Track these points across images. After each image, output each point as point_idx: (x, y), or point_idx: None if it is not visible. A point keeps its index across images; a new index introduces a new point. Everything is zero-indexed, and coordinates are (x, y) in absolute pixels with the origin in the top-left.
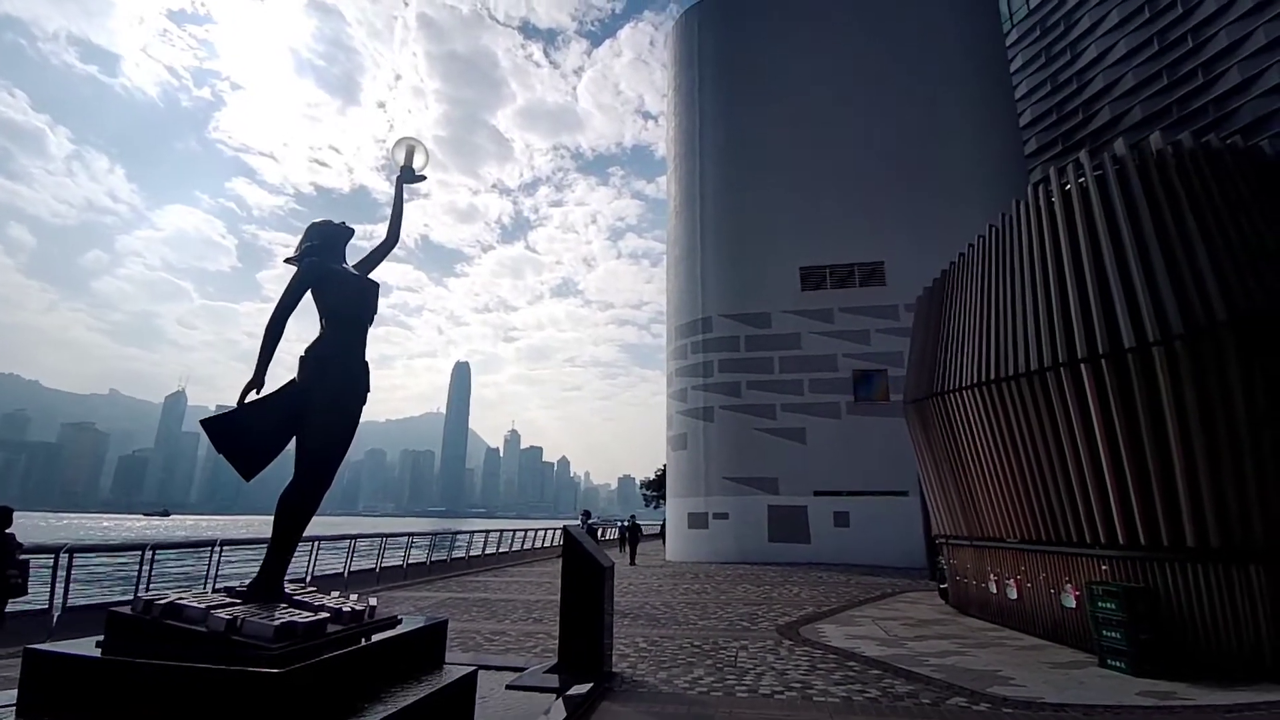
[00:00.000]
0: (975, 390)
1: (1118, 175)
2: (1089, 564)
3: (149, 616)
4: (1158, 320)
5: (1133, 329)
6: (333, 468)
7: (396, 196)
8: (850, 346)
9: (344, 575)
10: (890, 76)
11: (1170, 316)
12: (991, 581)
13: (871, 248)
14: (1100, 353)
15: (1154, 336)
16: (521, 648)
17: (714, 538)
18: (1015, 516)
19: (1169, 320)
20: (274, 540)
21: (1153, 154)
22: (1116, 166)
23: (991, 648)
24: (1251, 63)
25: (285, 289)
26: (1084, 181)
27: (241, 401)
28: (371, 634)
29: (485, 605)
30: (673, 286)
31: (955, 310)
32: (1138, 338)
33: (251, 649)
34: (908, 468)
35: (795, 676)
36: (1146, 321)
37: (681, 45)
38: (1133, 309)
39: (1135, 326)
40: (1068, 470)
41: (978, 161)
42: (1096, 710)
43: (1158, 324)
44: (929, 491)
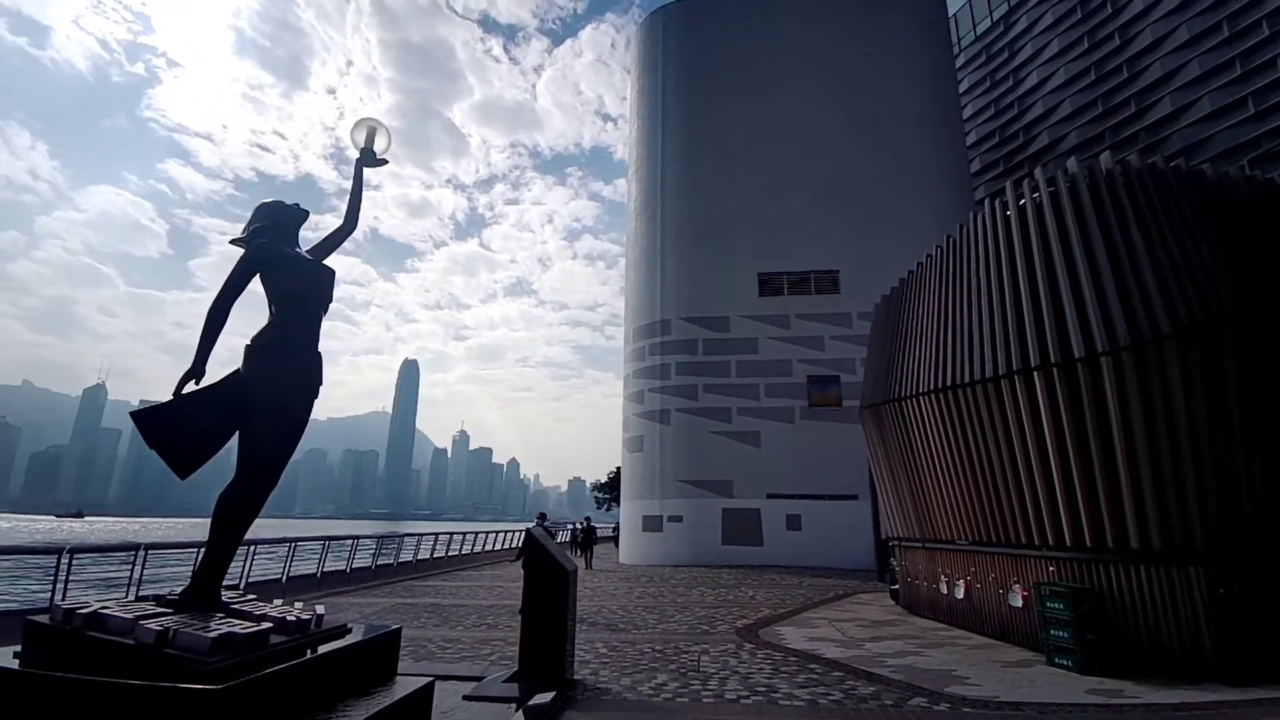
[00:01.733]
0: (931, 396)
1: (1070, 192)
2: (1037, 565)
3: (70, 627)
4: (1106, 331)
5: (1082, 339)
6: (279, 466)
7: (356, 180)
8: (805, 352)
9: (282, 581)
10: (848, 89)
11: (1117, 328)
12: (942, 582)
13: (827, 256)
14: (1052, 361)
15: (1102, 347)
16: (477, 655)
17: (668, 540)
18: (966, 519)
19: (1116, 331)
20: (211, 544)
21: (1102, 173)
22: (1069, 183)
23: (944, 647)
24: (1183, 93)
25: (231, 271)
26: (1038, 197)
27: (179, 392)
28: (318, 645)
29: (436, 611)
30: (632, 288)
31: (912, 319)
32: (1087, 348)
33: (185, 663)
34: (858, 472)
35: (759, 680)
36: (1095, 332)
37: (645, 48)
38: (1082, 320)
39: (1085, 337)
40: (1018, 474)
41: (927, 177)
42: (1049, 709)
43: (1106, 335)
44: (883, 495)
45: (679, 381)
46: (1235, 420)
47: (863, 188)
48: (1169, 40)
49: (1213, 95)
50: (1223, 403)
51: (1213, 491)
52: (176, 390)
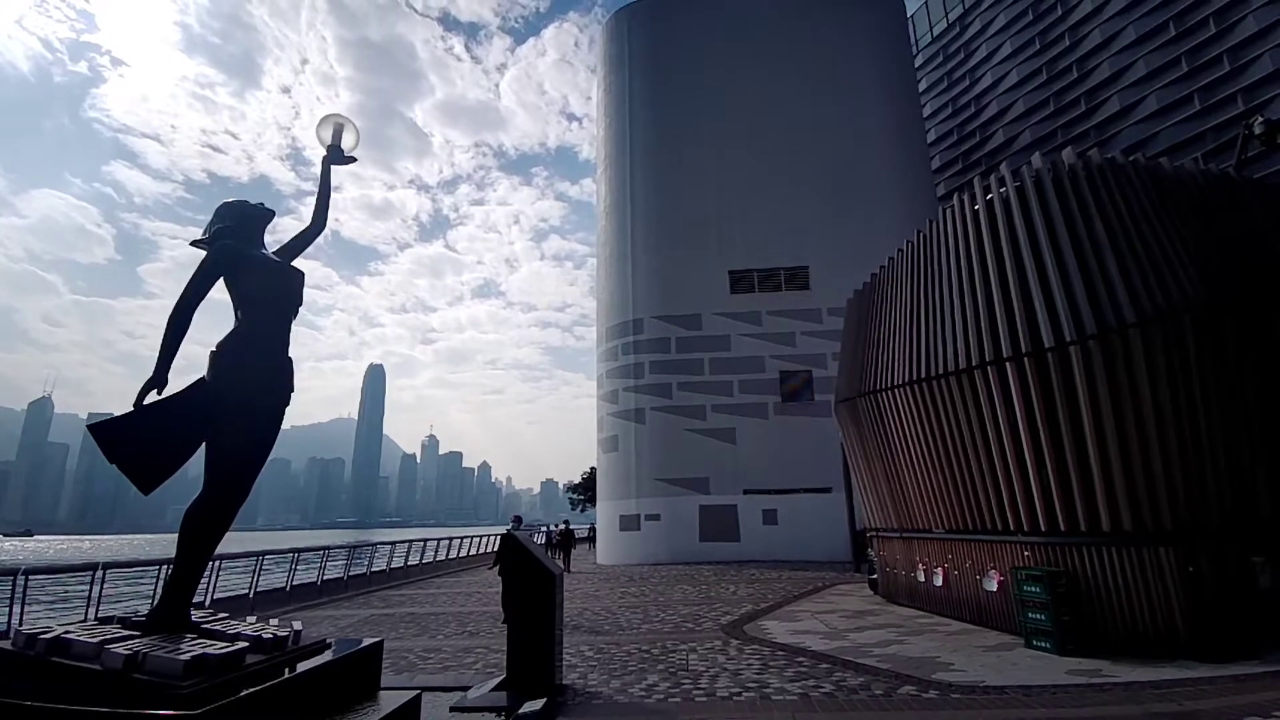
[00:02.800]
0: (906, 389)
1: (1035, 186)
2: (1012, 550)
3: (31, 653)
4: (1073, 321)
5: (1051, 329)
6: (250, 478)
7: (323, 178)
8: (777, 348)
9: (250, 596)
10: (812, 87)
11: (1084, 318)
12: (920, 571)
13: (797, 252)
14: (1023, 351)
15: (1070, 336)
16: (460, 664)
17: (646, 539)
18: (943, 508)
19: (1083, 321)
20: (180, 560)
21: (1065, 167)
22: (1034, 178)
23: (926, 634)
24: (1131, 92)
25: (193, 275)
26: (1005, 192)
27: (139, 403)
28: (297, 662)
29: (414, 620)
30: (603, 288)
31: (884, 313)
32: (1056, 338)
33: (157, 688)
34: (831, 465)
35: (750, 676)
36: (1063, 322)
37: (611, 46)
38: (1051, 311)
39: (1053, 327)
40: (993, 462)
41: (891, 174)
42: (1034, 690)
43: (1073, 324)
44: (860, 487)
45: (653, 380)
46: (1199, 403)
47: (829, 184)
48: (1117, 40)
49: (1159, 93)
50: (1186, 387)
51: (1179, 473)
52: (137, 401)
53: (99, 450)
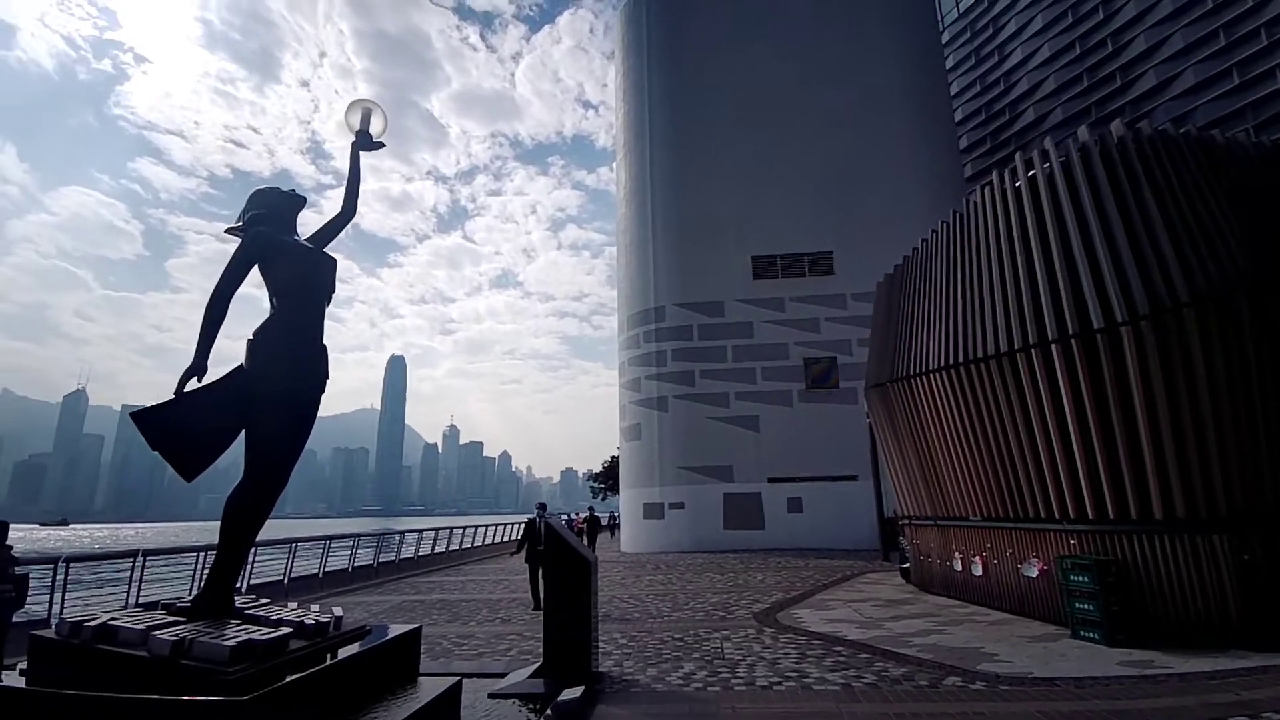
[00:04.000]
0: (942, 373)
1: (1081, 161)
2: (1057, 539)
3: (78, 641)
4: (1124, 301)
5: (1101, 310)
6: (289, 463)
7: (353, 164)
8: (801, 335)
9: (284, 582)
10: (835, 67)
11: (1136, 297)
12: (956, 559)
13: (821, 237)
14: (1070, 333)
15: (1121, 317)
16: (494, 651)
17: (670, 527)
18: (981, 495)
19: (1135, 301)
20: (222, 548)
21: (1114, 140)
22: (1080, 152)
23: (965, 624)
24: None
25: (228, 263)
26: (1049, 167)
27: (180, 390)
28: (339, 648)
29: (445, 607)
30: (624, 275)
31: (918, 296)
32: (1106, 319)
33: (204, 674)
34: (857, 453)
35: (787, 665)
36: (1114, 302)
37: (629, 30)
38: (1100, 291)
39: (1103, 308)
40: (1036, 448)
41: (917, 155)
42: (1085, 682)
43: (1124, 305)
44: (891, 474)
45: (675, 368)
46: (1254, 385)
47: (854, 167)
48: (1152, 13)
49: (1197, 67)
50: (1243, 368)
51: (1234, 458)
52: (178, 389)
53: (134, 441)
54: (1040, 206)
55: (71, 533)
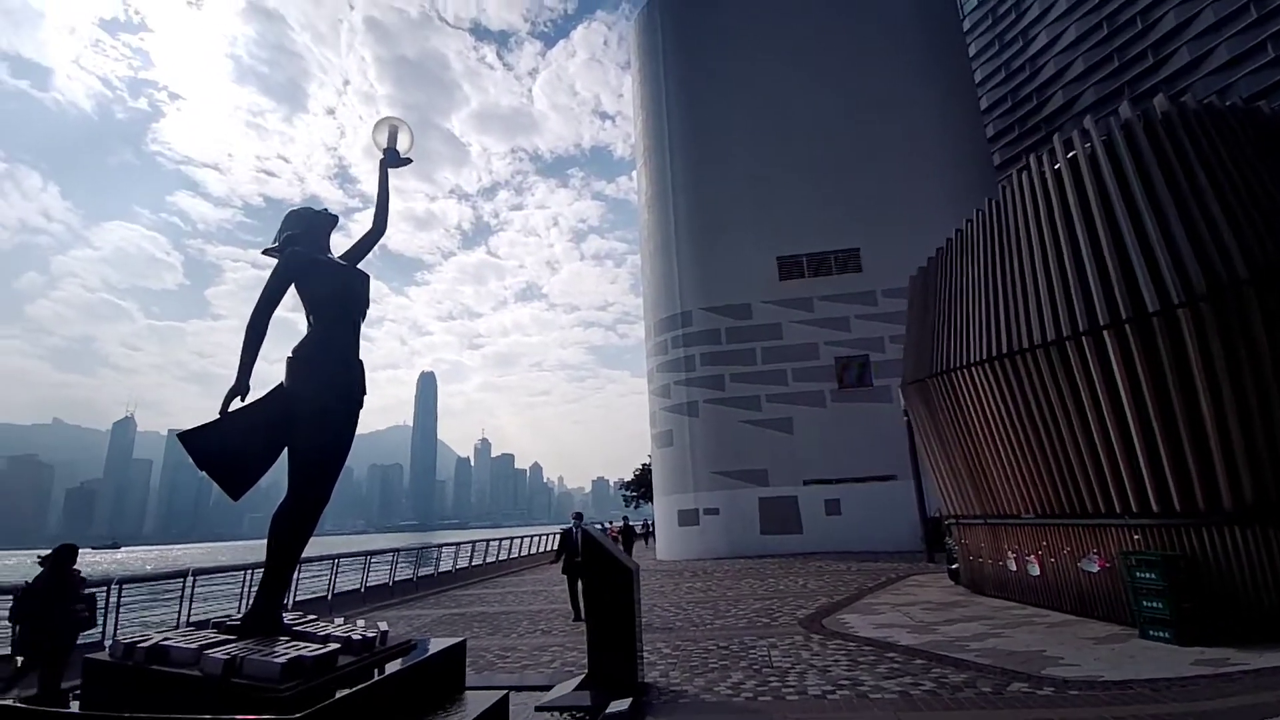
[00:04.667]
0: (984, 366)
1: (1125, 137)
2: (1119, 534)
3: (131, 662)
4: (1180, 282)
5: (1155, 292)
6: (331, 480)
7: (382, 182)
8: (831, 334)
9: (328, 598)
10: (855, 62)
11: (1192, 277)
12: (1010, 559)
13: (846, 234)
14: (1123, 318)
15: (1178, 299)
16: (538, 663)
17: (705, 534)
18: (1033, 491)
19: (1191, 281)
20: (270, 565)
21: (1158, 116)
22: (1122, 129)
23: (1023, 627)
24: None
25: (266, 283)
26: (1090, 147)
27: (224, 410)
28: (385, 663)
29: (486, 620)
30: (649, 282)
31: (955, 289)
32: (1161, 301)
33: (256, 691)
34: (894, 452)
35: (839, 673)
36: (1169, 284)
37: (645, 37)
38: (1153, 272)
39: (1158, 290)
40: (1091, 440)
41: (943, 146)
42: (1160, 684)
43: (1180, 286)
44: (935, 472)
45: (704, 372)
46: None
47: (878, 162)
48: None
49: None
50: None
51: None
52: (222, 409)
53: (180, 465)
54: (1083, 187)
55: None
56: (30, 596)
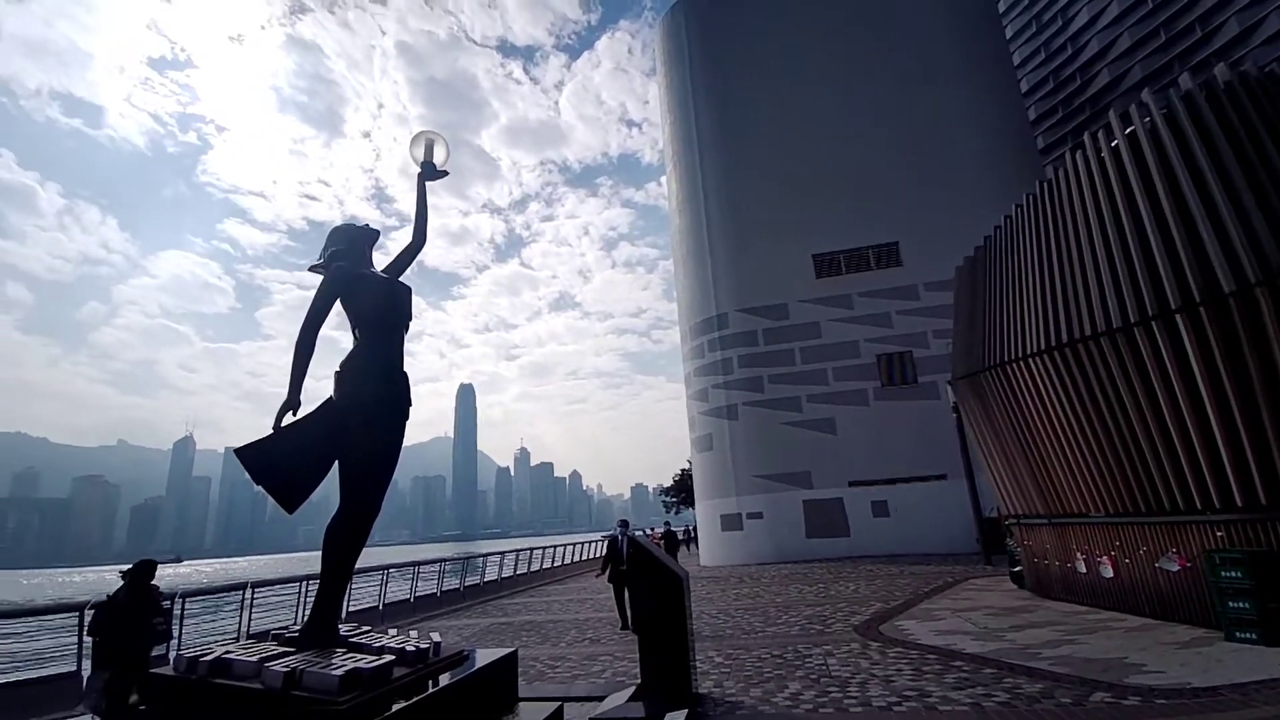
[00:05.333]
0: (1043, 357)
1: (1187, 109)
2: (1200, 532)
3: (194, 676)
4: (1256, 259)
5: (1230, 271)
6: (380, 491)
7: (420, 195)
8: (872, 331)
9: (379, 608)
10: (887, 51)
11: (1269, 253)
12: (1079, 561)
13: (884, 229)
14: (1196, 301)
15: (1255, 277)
16: (589, 673)
17: (749, 538)
18: (1102, 488)
19: (1268, 258)
20: (325, 577)
21: (1221, 85)
22: (1183, 101)
23: (1099, 633)
24: (1249, 12)
25: (313, 299)
26: (1149, 121)
27: (278, 425)
28: (439, 674)
29: (534, 629)
30: (682, 286)
31: (1006, 277)
32: (1237, 280)
33: (315, 703)
34: (943, 450)
35: (904, 683)
36: (1244, 262)
37: (669, 42)
38: (1226, 250)
39: (1233, 269)
40: (1166, 431)
41: (983, 132)
42: (1249, 688)
43: (1257, 264)
44: (992, 470)
45: (743, 375)
46: None
47: (914, 153)
48: None
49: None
50: None
51: None
52: (275, 423)
53: (237, 480)
54: (1144, 162)
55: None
56: (110, 610)
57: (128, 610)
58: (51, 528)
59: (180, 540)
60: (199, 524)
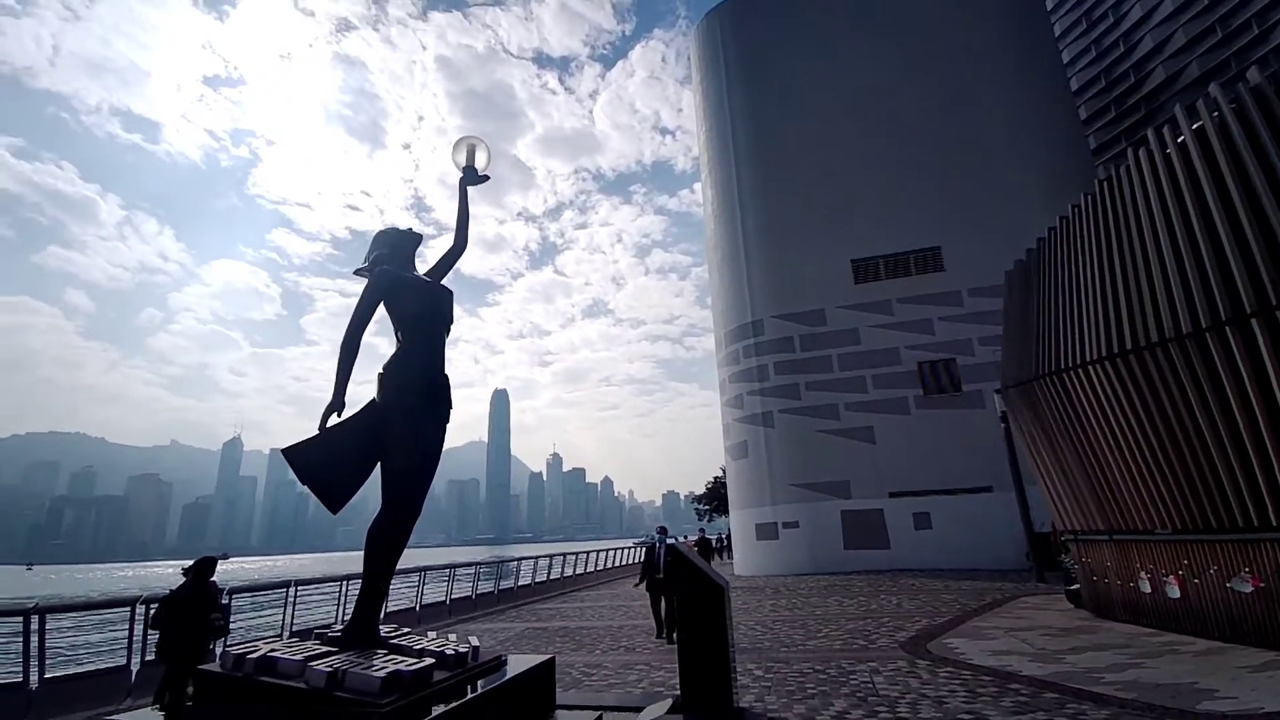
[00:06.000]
0: (1103, 364)
1: (1257, 103)
2: (1275, 550)
3: (240, 673)
4: None
5: None
6: (422, 492)
7: (461, 200)
8: (913, 338)
9: (415, 609)
10: (929, 51)
11: None
12: (1143, 580)
13: (926, 232)
14: (1273, 304)
15: None
16: (625, 682)
17: (785, 548)
18: (1168, 504)
19: None
20: (367, 578)
21: None
22: (1253, 94)
23: (1166, 656)
24: None
25: (358, 302)
26: (1218, 116)
27: (323, 426)
28: (478, 679)
29: (569, 635)
30: (718, 292)
31: (1062, 281)
32: None
33: (357, 705)
34: (988, 461)
35: (957, 705)
36: None
37: (705, 49)
38: None
39: None
40: (1241, 444)
41: (1030, 132)
42: None
43: None
44: (1046, 483)
45: (779, 382)
46: None
47: (958, 155)
48: None
49: None
50: None
51: None
52: (321, 425)
53: (281, 481)
54: (1213, 159)
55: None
56: (172, 605)
57: (188, 605)
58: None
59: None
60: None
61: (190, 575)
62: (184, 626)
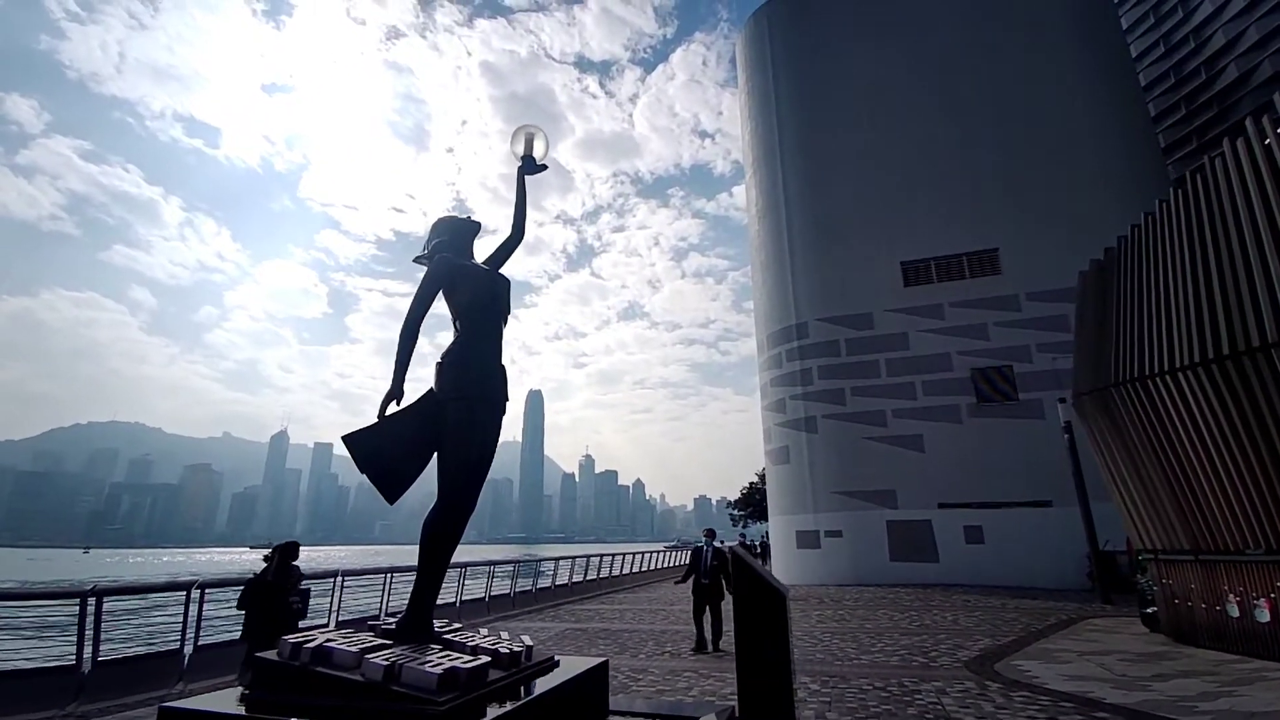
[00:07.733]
0: (1196, 370)
1: None
2: None
3: (297, 663)
4: None
5: None
6: (478, 484)
7: (519, 189)
8: (965, 343)
9: (456, 605)
10: (985, 49)
11: None
12: (1231, 603)
13: (981, 235)
14: None
15: None
16: (674, 689)
17: (827, 557)
18: (1263, 521)
19: None
20: (422, 571)
21: None
22: None
23: (1258, 684)
24: None
25: (417, 290)
26: None
27: (382, 414)
28: (532, 680)
29: (610, 637)
30: (761, 294)
31: (1146, 283)
32: None
33: (414, 702)
34: (1049, 474)
35: None
36: None
37: (752, 49)
38: None
39: None
40: None
41: (1097, 130)
42: None
43: None
44: (1123, 498)
45: (822, 386)
46: None
47: (1017, 154)
48: None
49: None
50: None
51: None
52: (380, 412)
53: (323, 474)
54: None
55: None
56: (257, 587)
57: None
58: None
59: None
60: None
61: (274, 558)
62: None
